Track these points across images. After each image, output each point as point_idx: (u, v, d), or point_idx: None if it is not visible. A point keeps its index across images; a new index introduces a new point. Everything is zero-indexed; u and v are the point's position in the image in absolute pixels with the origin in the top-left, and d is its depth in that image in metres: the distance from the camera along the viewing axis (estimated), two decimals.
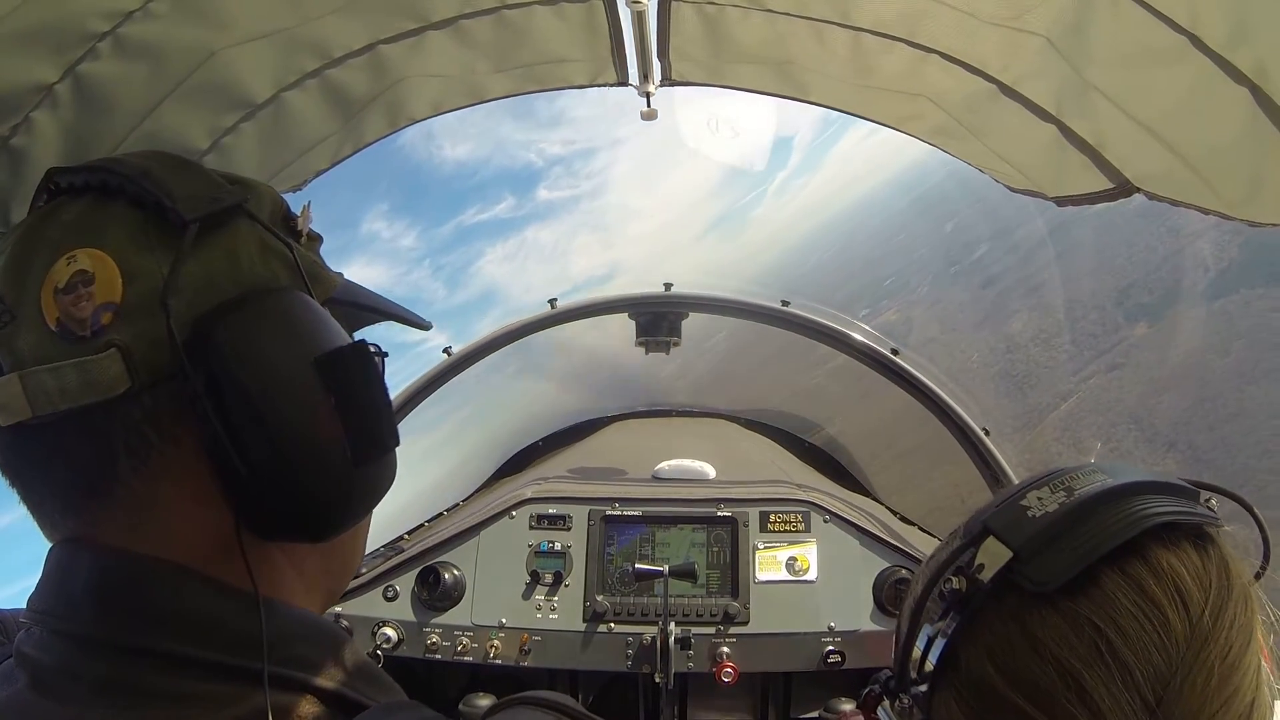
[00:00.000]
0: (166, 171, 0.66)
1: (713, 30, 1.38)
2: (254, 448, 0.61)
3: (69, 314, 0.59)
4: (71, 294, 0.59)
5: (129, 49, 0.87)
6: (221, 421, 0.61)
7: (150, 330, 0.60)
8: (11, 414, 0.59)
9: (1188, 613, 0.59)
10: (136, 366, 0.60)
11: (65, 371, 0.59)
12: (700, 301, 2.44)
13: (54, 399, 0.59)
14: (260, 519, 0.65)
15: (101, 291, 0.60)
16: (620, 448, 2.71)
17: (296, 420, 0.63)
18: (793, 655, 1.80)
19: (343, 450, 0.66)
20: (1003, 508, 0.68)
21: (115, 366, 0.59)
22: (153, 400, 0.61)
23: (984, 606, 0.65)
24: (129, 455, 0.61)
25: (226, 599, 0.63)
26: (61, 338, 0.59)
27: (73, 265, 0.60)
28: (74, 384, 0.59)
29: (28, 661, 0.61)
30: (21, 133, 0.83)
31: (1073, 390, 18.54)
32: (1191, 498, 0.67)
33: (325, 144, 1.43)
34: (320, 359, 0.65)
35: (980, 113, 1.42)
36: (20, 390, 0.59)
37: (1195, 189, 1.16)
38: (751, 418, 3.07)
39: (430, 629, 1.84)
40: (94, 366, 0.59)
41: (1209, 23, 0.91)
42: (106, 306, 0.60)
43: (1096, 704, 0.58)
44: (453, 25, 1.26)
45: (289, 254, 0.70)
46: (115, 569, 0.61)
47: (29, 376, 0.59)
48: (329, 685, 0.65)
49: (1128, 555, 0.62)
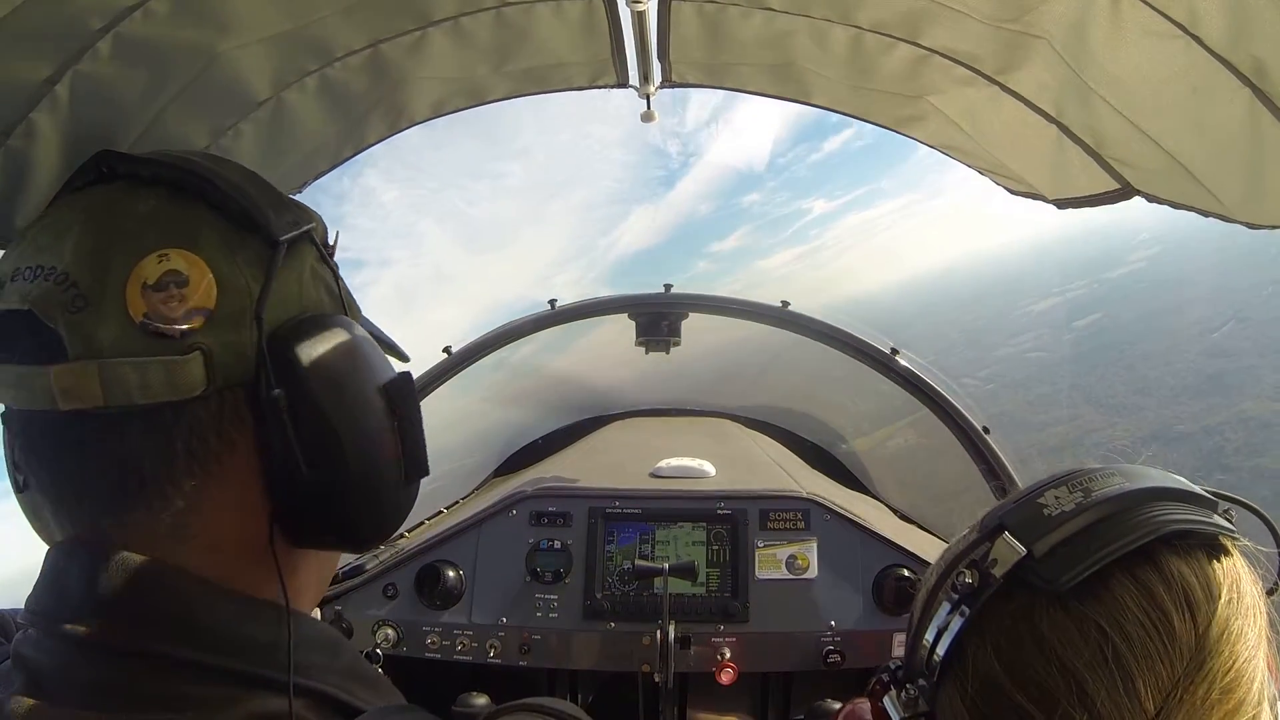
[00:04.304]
0: (245, 181, 0.68)
1: (713, 31, 1.38)
2: (322, 459, 0.65)
3: (158, 311, 0.60)
4: (162, 292, 0.60)
5: (129, 49, 0.86)
6: (296, 433, 0.63)
7: (235, 339, 0.62)
8: (79, 400, 0.59)
9: (1195, 623, 0.59)
10: (215, 372, 0.62)
11: (151, 368, 0.59)
12: (700, 301, 2.45)
13: (132, 393, 0.59)
14: (306, 526, 0.68)
15: (195, 295, 0.61)
16: (620, 446, 2.71)
17: (368, 438, 0.68)
18: (792, 654, 1.80)
19: (399, 468, 0.72)
20: (1020, 505, 0.68)
21: (197, 370, 0.61)
22: (219, 405, 0.63)
23: (994, 602, 0.65)
24: (189, 456, 0.62)
25: (227, 603, 0.63)
26: (145, 333, 0.60)
27: (165, 264, 0.61)
28: (158, 381, 0.60)
29: (25, 663, 0.61)
30: (21, 133, 0.83)
31: None
32: (1209, 507, 0.66)
33: (325, 146, 1.42)
34: (387, 384, 0.71)
35: (980, 114, 1.41)
36: (97, 379, 0.59)
37: (1195, 191, 1.16)
38: (752, 416, 3.08)
39: (430, 628, 1.84)
40: (179, 367, 0.60)
41: (1209, 23, 0.91)
42: (199, 311, 0.61)
43: (1097, 709, 0.58)
44: (452, 24, 1.26)
45: (333, 281, 0.74)
46: (114, 571, 0.61)
47: (109, 366, 0.59)
48: (327, 690, 0.65)
49: (1140, 560, 0.61)
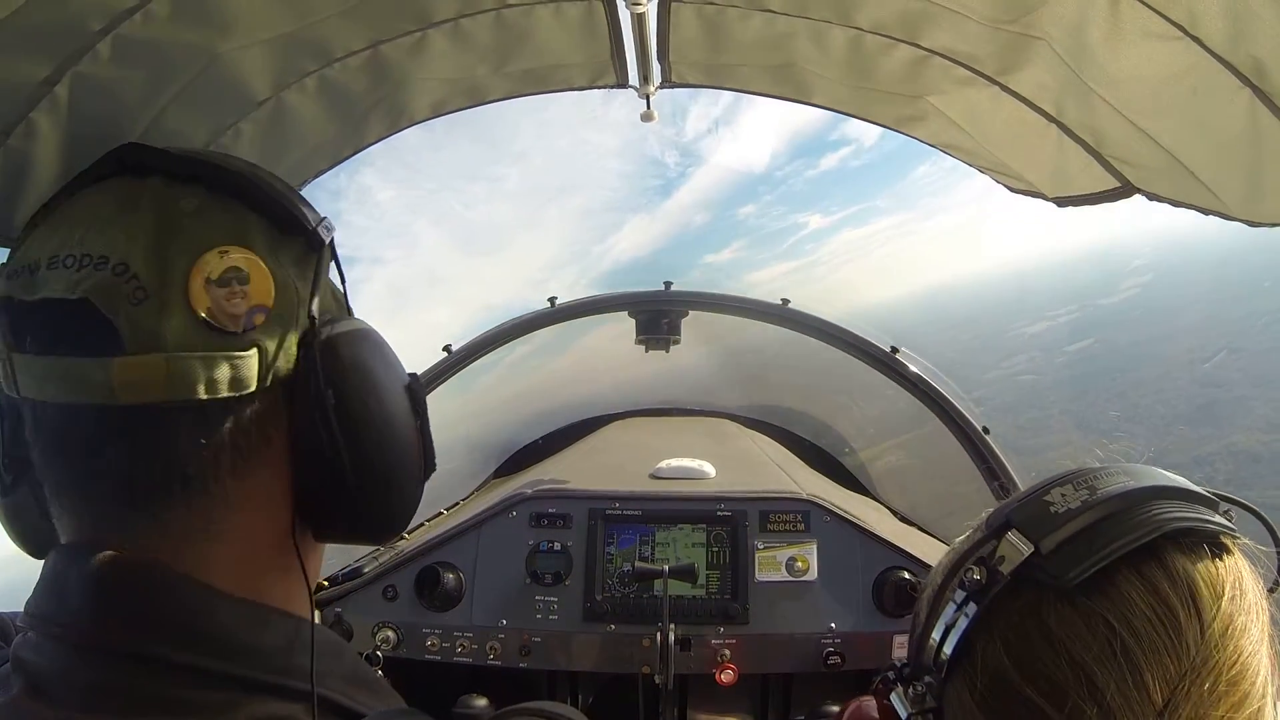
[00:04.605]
0: (279, 183, 0.70)
1: (713, 31, 1.38)
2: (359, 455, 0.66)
3: (221, 308, 0.60)
4: (225, 288, 0.60)
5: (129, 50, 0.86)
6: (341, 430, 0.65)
7: (286, 337, 0.64)
8: (141, 394, 0.58)
9: (1200, 618, 0.60)
10: (266, 370, 0.63)
11: (218, 363, 0.60)
12: (700, 299, 2.44)
13: (196, 388, 0.59)
14: (333, 520, 0.69)
15: (256, 293, 0.62)
16: (620, 447, 2.71)
17: (400, 435, 0.71)
18: (793, 656, 1.80)
19: (420, 465, 0.75)
20: (1026, 502, 0.69)
21: (254, 367, 0.62)
22: (262, 403, 0.64)
23: (1002, 598, 0.66)
24: (234, 452, 0.63)
25: (231, 607, 0.63)
26: (209, 329, 0.60)
27: (226, 260, 0.61)
28: (224, 377, 0.60)
29: (24, 666, 0.61)
30: (21, 133, 0.83)
31: None
32: (1211, 507, 0.67)
33: (325, 145, 1.42)
34: (407, 386, 0.74)
35: (980, 114, 1.41)
36: (164, 372, 0.58)
37: (1195, 189, 1.16)
38: (752, 416, 3.07)
39: (429, 629, 1.84)
40: (241, 364, 0.61)
41: (1208, 23, 0.91)
42: (260, 309, 0.62)
43: (1107, 702, 0.59)
44: (452, 25, 1.26)
45: (342, 288, 0.77)
46: (115, 574, 0.61)
47: (176, 360, 0.58)
48: (327, 694, 0.65)
49: (1145, 557, 0.62)
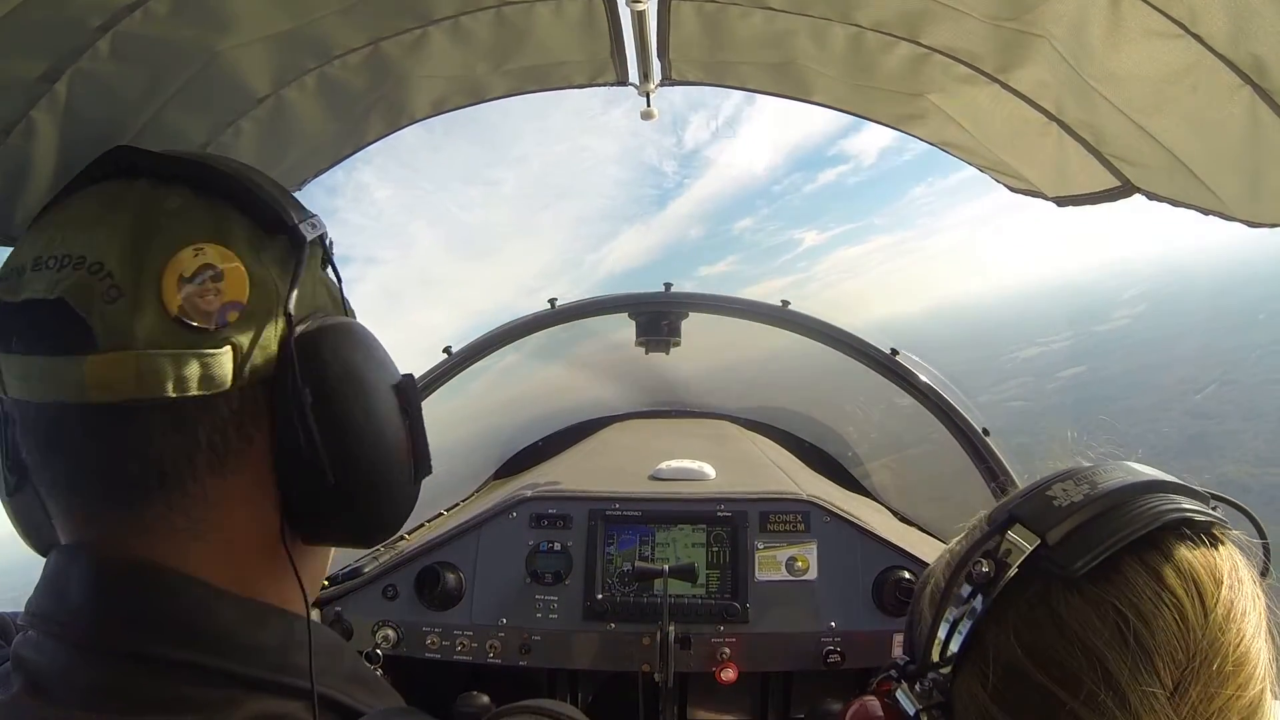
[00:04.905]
0: (265, 180, 0.69)
1: (713, 29, 1.38)
2: (343, 457, 0.65)
3: (194, 305, 0.60)
4: (198, 285, 0.60)
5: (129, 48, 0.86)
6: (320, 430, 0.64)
7: (262, 336, 0.63)
8: (111, 392, 0.58)
9: (1203, 603, 0.62)
10: (242, 368, 0.62)
11: (187, 361, 0.59)
12: (700, 301, 2.45)
13: (165, 386, 0.58)
14: (322, 523, 0.68)
15: (230, 290, 0.61)
16: (620, 448, 2.71)
17: (385, 436, 0.69)
18: (793, 655, 1.80)
19: (410, 466, 0.72)
20: (1029, 498, 0.71)
21: (228, 365, 0.61)
22: (240, 401, 0.63)
23: (1011, 590, 0.67)
24: (210, 452, 0.62)
25: (229, 606, 0.63)
26: (180, 326, 0.59)
27: (200, 258, 0.60)
28: (194, 375, 0.59)
29: (24, 664, 0.61)
30: (21, 132, 0.83)
31: None
32: (1203, 501, 0.70)
33: (325, 143, 1.42)
34: (396, 385, 0.72)
35: (980, 112, 1.42)
36: (134, 370, 0.58)
37: (1195, 189, 1.16)
38: (752, 418, 3.07)
39: (430, 628, 1.84)
40: (212, 361, 0.60)
41: (1209, 21, 0.91)
42: (233, 305, 0.61)
43: (1120, 686, 0.60)
44: (452, 23, 1.26)
45: (336, 285, 0.75)
46: (115, 573, 0.61)
47: (146, 358, 0.58)
48: (327, 692, 0.65)
49: (1147, 547, 0.64)
